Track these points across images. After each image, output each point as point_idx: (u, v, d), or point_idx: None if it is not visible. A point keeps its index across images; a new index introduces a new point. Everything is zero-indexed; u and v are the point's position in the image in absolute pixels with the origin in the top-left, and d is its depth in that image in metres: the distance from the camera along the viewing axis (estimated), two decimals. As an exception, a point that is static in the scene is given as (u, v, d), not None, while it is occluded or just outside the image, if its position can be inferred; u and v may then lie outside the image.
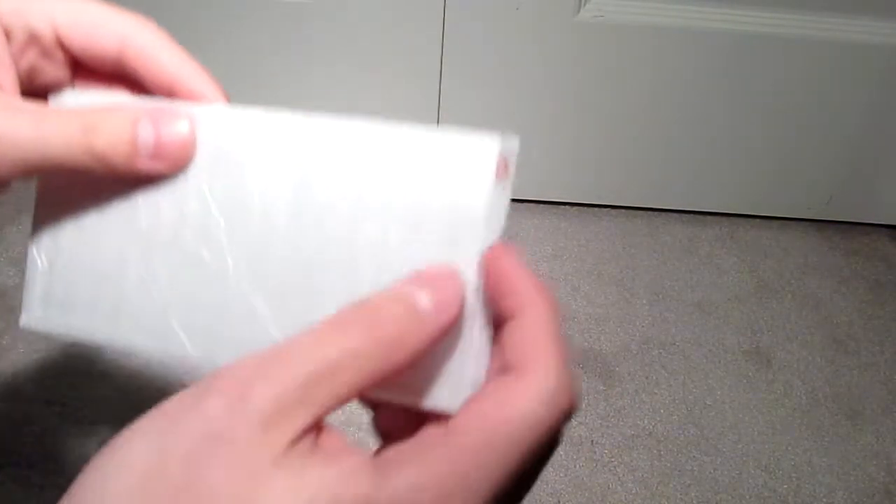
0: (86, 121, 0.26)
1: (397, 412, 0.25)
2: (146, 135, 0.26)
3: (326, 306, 0.24)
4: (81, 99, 0.28)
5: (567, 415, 0.22)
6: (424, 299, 0.22)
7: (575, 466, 0.61)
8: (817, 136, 0.75)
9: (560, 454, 0.62)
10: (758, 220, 0.83)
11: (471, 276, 0.24)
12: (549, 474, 0.61)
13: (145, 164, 0.26)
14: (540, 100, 0.72)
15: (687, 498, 0.60)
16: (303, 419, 0.20)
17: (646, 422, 0.65)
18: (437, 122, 0.74)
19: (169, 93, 0.28)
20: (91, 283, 0.28)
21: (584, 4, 0.66)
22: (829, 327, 0.74)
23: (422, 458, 0.21)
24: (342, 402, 0.21)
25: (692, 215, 0.83)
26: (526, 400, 0.21)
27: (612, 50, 0.68)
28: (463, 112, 0.73)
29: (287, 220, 0.26)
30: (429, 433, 0.22)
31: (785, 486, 0.62)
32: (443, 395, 0.24)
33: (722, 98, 0.72)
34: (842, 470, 0.63)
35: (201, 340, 0.27)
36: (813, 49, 0.68)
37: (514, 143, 0.24)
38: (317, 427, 0.21)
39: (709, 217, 0.83)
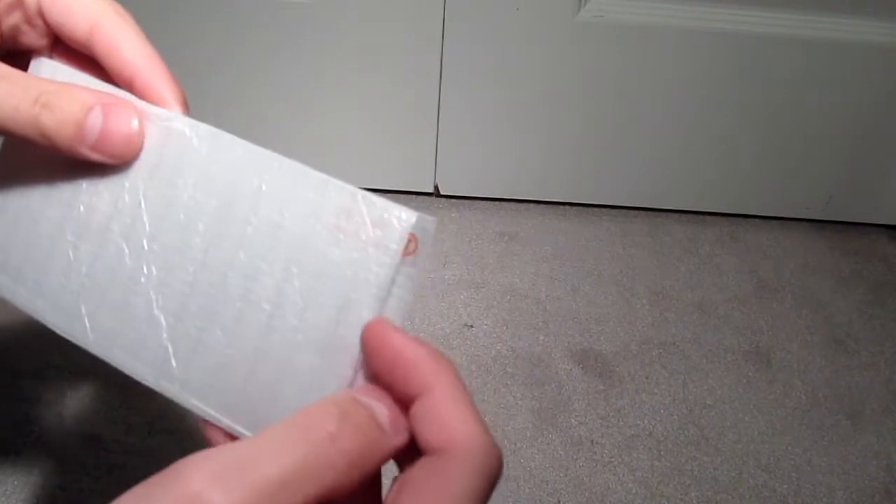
0: (41, 93, 0.26)
1: None
2: (94, 123, 0.26)
3: (217, 335, 0.25)
4: (58, 72, 0.29)
5: (498, 471, 0.22)
6: (385, 417, 0.22)
7: (575, 466, 0.61)
8: (817, 136, 0.75)
9: (560, 454, 0.62)
10: (758, 220, 0.83)
11: (354, 345, 0.24)
12: (549, 474, 0.61)
13: (87, 152, 0.26)
14: (540, 100, 0.72)
15: (687, 498, 0.60)
16: None
17: (646, 422, 0.65)
18: (437, 121, 0.74)
19: (128, 86, 0.29)
20: (24, 251, 0.29)
21: (584, 4, 0.66)
22: (829, 327, 0.74)
23: None
24: None
25: (692, 215, 0.83)
26: (463, 478, 0.21)
27: (612, 50, 0.68)
28: (463, 112, 0.73)
29: (203, 242, 0.26)
30: None
31: (785, 486, 0.62)
32: None
33: (722, 98, 0.72)
34: (842, 470, 0.63)
35: (102, 334, 0.28)
36: (813, 49, 0.68)
37: (430, 224, 0.25)
38: None
39: (709, 217, 0.83)
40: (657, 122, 0.74)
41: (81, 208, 0.28)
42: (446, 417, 0.22)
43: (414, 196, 0.81)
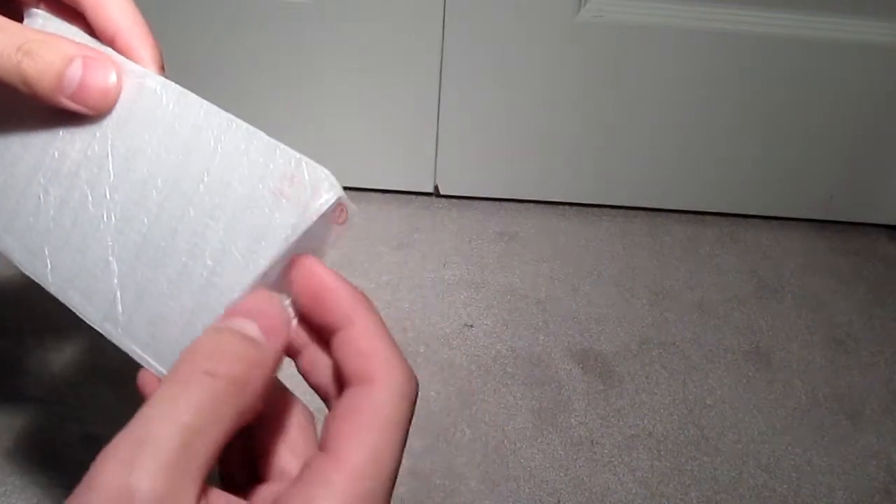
0: (25, 41, 0.27)
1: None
2: (74, 74, 0.27)
3: (162, 286, 0.27)
4: (49, 23, 0.31)
5: (416, 395, 0.25)
6: (254, 330, 0.23)
7: (575, 466, 0.61)
8: (817, 136, 0.75)
9: (560, 454, 0.62)
10: (758, 220, 0.83)
11: (239, 285, 0.26)
12: (549, 474, 0.61)
13: (65, 101, 0.28)
14: (540, 100, 0.72)
15: (687, 498, 0.60)
16: (191, 491, 0.20)
17: (646, 422, 0.65)
18: (437, 121, 0.74)
19: (110, 42, 0.30)
20: (1, 190, 0.30)
21: (584, 4, 0.66)
22: (829, 327, 0.74)
23: (327, 489, 0.21)
24: (217, 453, 0.21)
25: (692, 215, 0.83)
26: (390, 402, 0.23)
27: (612, 50, 0.68)
28: (463, 112, 0.73)
29: (159, 195, 0.28)
30: (317, 467, 0.22)
31: (785, 486, 0.62)
32: None
33: (722, 98, 0.72)
34: (842, 470, 0.63)
35: (61, 276, 0.29)
36: (813, 49, 0.68)
37: (354, 207, 0.26)
38: (203, 491, 0.21)
39: (709, 217, 0.83)
40: (657, 122, 0.74)
41: (55, 154, 0.29)
42: (367, 348, 0.24)
43: (414, 196, 0.81)
